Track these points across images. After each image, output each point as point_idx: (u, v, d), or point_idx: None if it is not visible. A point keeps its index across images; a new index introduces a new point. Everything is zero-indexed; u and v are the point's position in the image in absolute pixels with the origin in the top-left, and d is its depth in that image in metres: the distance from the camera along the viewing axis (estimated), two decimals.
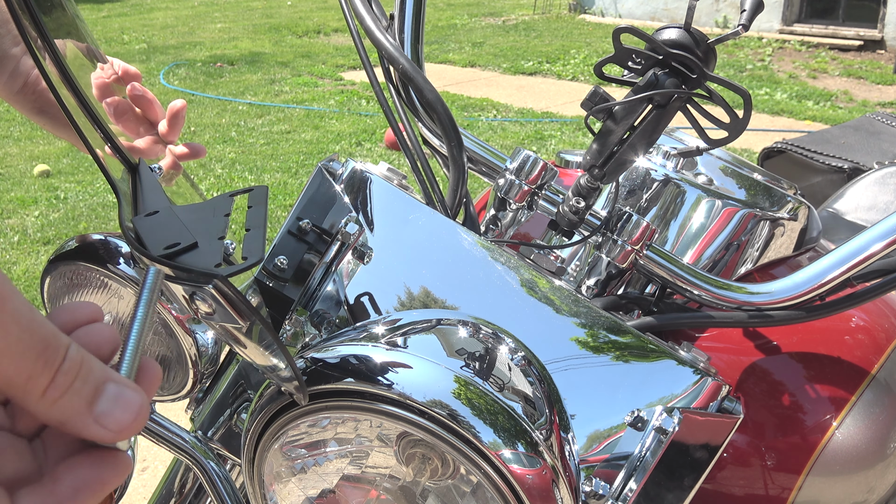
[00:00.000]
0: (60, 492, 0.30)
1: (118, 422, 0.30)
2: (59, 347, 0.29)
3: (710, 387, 0.65)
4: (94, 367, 0.31)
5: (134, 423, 0.31)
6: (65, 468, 0.31)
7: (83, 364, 0.30)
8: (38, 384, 0.29)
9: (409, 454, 0.61)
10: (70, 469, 0.31)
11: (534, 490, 0.56)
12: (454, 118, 0.77)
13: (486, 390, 0.59)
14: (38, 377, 0.29)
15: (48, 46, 0.40)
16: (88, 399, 0.30)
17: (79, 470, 0.31)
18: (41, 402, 0.29)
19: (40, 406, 0.29)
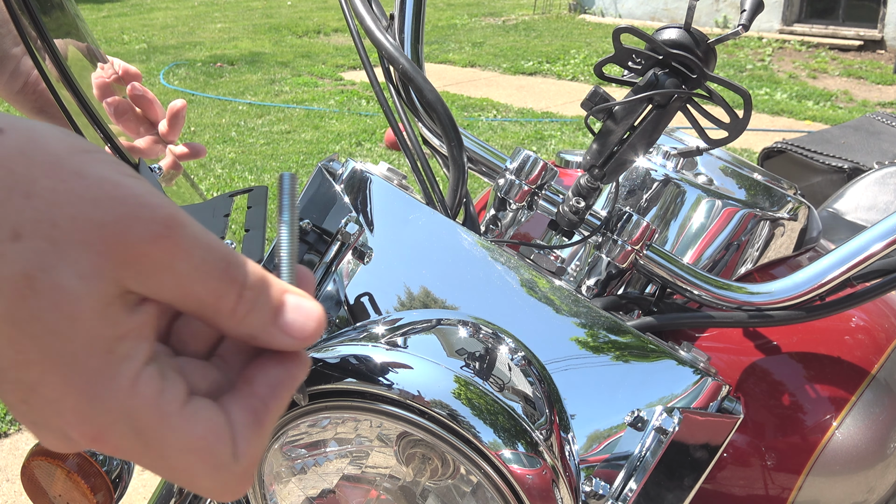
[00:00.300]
0: (259, 391, 0.32)
1: (303, 329, 0.32)
2: (239, 265, 0.30)
3: (710, 387, 0.65)
4: (273, 280, 0.32)
5: (317, 329, 0.32)
6: (254, 370, 0.32)
7: (263, 278, 0.31)
8: (227, 302, 0.30)
9: (409, 454, 0.61)
10: (260, 370, 0.32)
11: (534, 490, 0.56)
12: (454, 118, 0.77)
13: (486, 390, 0.59)
14: (227, 295, 0.30)
15: (48, 47, 0.40)
16: (273, 311, 0.31)
17: (269, 370, 0.32)
18: (231, 319, 0.30)
19: (230, 322, 0.30)
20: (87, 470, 0.90)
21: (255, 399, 0.32)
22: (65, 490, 0.90)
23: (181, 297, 0.29)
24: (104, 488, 0.90)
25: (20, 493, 2.23)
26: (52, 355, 0.27)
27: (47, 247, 0.26)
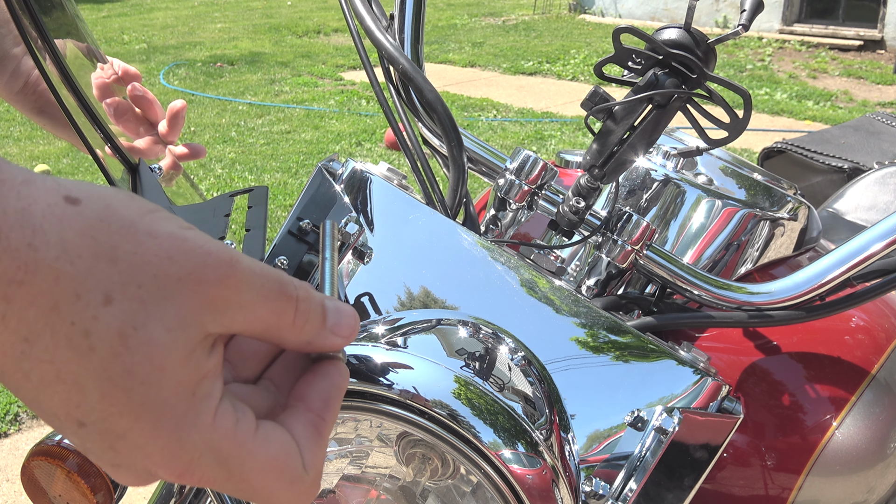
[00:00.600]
0: (314, 406, 0.35)
1: (347, 327, 0.35)
2: (289, 281, 0.34)
3: (710, 387, 0.65)
4: (313, 290, 0.35)
5: (356, 326, 0.36)
6: (304, 388, 0.35)
7: (308, 288, 0.35)
8: (287, 317, 0.33)
9: (409, 454, 0.61)
10: (309, 386, 0.35)
11: (534, 490, 0.56)
12: (454, 118, 0.77)
13: (486, 390, 0.59)
14: (287, 311, 0.33)
15: (48, 47, 0.40)
16: (321, 317, 0.35)
17: (317, 384, 0.35)
18: (292, 331, 0.33)
19: (291, 334, 0.34)
20: (87, 470, 0.90)
21: (311, 414, 0.35)
22: (65, 490, 0.90)
23: (250, 323, 0.32)
24: (104, 488, 0.90)
25: (20, 493, 2.23)
26: (142, 404, 0.29)
27: (136, 306, 0.29)
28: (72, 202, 0.29)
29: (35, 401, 0.30)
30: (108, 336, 0.28)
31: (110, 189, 0.30)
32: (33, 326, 0.28)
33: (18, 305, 0.27)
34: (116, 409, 0.29)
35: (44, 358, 0.28)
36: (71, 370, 0.28)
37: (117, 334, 0.28)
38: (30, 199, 0.28)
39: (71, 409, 0.29)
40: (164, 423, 0.30)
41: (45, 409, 0.30)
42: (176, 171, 0.86)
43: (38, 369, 0.28)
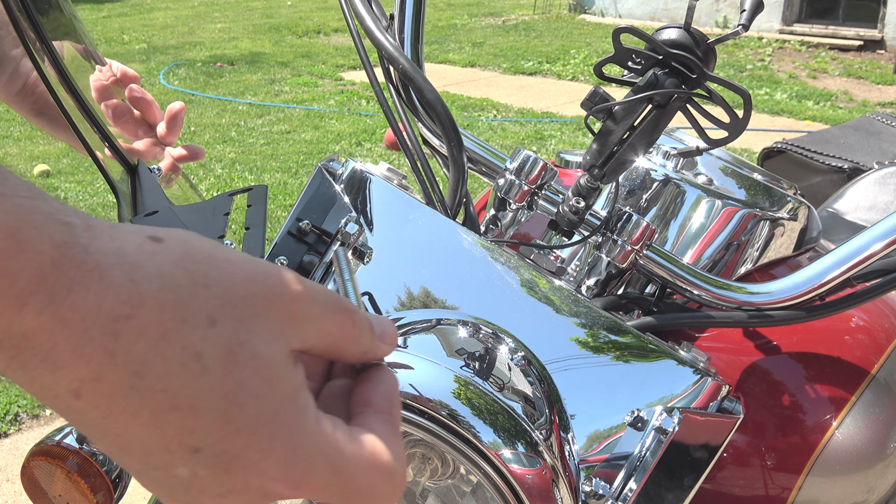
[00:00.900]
0: (381, 408, 0.36)
1: (392, 335, 0.37)
2: (342, 299, 0.35)
3: (710, 387, 0.65)
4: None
5: (397, 333, 0.39)
6: (364, 394, 0.37)
7: (354, 303, 0.37)
8: (347, 329, 0.35)
9: (409, 454, 0.61)
10: (369, 391, 0.37)
11: (534, 490, 0.56)
12: (454, 118, 0.77)
13: (486, 390, 0.59)
14: (346, 324, 0.35)
15: (46, 48, 0.40)
16: (370, 329, 0.36)
17: (376, 388, 0.37)
18: (352, 343, 0.35)
19: (352, 347, 0.36)
20: (87, 470, 0.90)
21: (382, 413, 0.36)
22: (65, 490, 0.90)
23: (320, 338, 0.34)
24: (104, 488, 0.90)
25: (20, 493, 2.23)
26: (256, 417, 0.31)
27: (237, 324, 0.30)
28: (156, 240, 0.30)
29: (140, 441, 0.30)
30: (219, 354, 0.30)
31: (181, 229, 0.32)
32: (144, 358, 0.28)
33: (127, 339, 0.28)
34: (232, 427, 0.30)
35: (157, 388, 0.29)
36: (186, 394, 0.29)
37: (226, 352, 0.30)
38: (121, 240, 0.29)
39: (185, 436, 0.30)
40: (279, 433, 0.31)
41: (152, 446, 0.30)
42: (175, 172, 0.86)
43: (150, 402, 0.29)
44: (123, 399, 0.29)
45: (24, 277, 0.27)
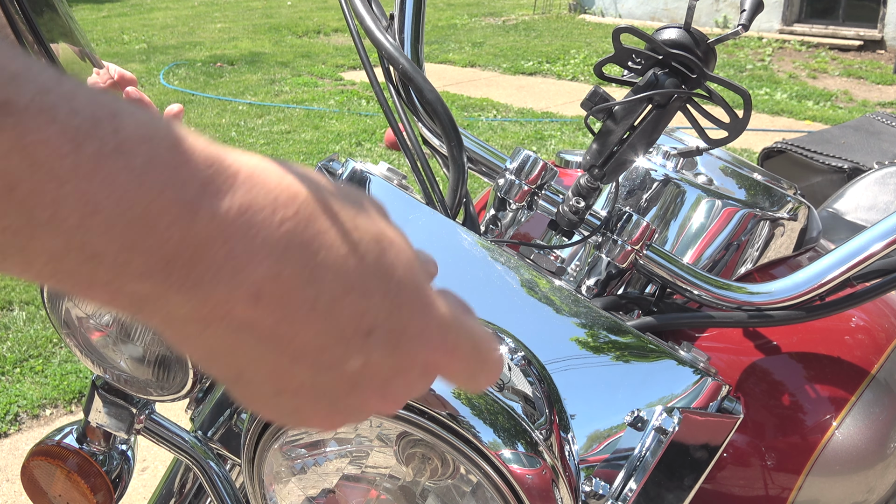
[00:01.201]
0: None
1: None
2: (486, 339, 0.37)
3: (710, 387, 0.65)
4: None
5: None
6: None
7: None
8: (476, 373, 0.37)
9: (409, 454, 0.61)
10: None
11: (534, 490, 0.56)
12: (454, 118, 0.77)
13: (486, 390, 0.59)
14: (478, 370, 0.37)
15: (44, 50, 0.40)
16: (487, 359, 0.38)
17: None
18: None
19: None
20: (87, 470, 0.90)
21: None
22: (65, 490, 0.90)
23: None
24: (104, 488, 0.90)
25: (20, 493, 2.23)
26: (413, 292, 0.33)
27: (373, 214, 0.34)
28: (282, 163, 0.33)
29: (315, 339, 0.30)
30: (370, 239, 0.31)
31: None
32: (314, 247, 0.29)
33: (295, 233, 0.29)
34: (396, 302, 0.31)
35: (330, 275, 0.29)
36: (355, 278, 0.30)
37: (374, 238, 0.31)
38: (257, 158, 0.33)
39: (359, 319, 0.30)
40: (431, 304, 0.33)
41: (328, 341, 0.30)
42: None
43: (326, 289, 0.29)
44: (301, 292, 0.29)
45: (194, 185, 0.27)
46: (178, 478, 0.99)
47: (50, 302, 0.85)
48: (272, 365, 0.30)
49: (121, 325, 0.82)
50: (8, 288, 3.33)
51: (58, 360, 2.85)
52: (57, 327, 0.86)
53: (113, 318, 0.83)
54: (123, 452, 0.95)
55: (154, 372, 0.83)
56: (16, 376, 2.76)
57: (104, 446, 0.92)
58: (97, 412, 0.89)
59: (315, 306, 0.29)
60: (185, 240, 0.27)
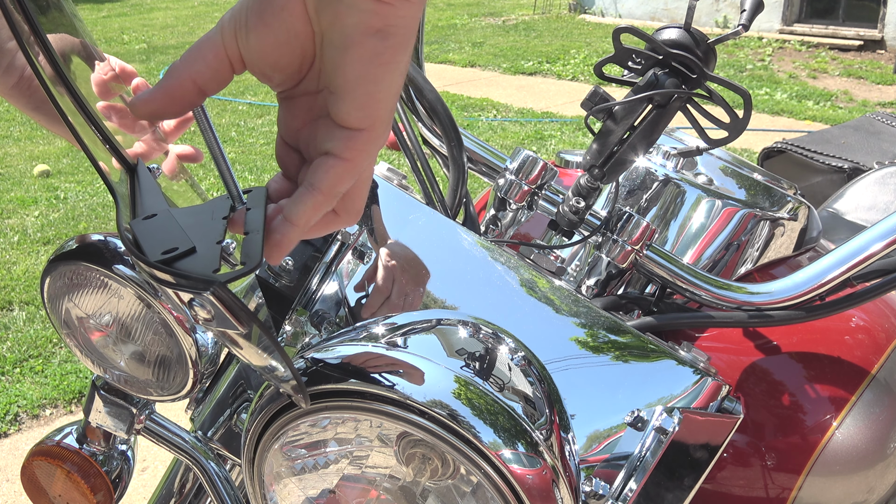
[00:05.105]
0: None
1: None
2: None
3: (710, 387, 0.65)
4: None
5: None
6: None
7: None
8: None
9: (409, 454, 0.61)
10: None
11: (534, 490, 0.56)
12: (454, 118, 0.77)
13: (486, 390, 0.59)
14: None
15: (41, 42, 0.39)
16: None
17: None
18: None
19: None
20: (87, 470, 0.90)
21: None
22: (65, 490, 0.90)
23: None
24: (104, 488, 0.90)
25: (20, 493, 2.23)
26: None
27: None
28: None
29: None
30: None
31: None
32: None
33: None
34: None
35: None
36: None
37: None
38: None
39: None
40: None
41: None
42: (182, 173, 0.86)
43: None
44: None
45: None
46: (178, 478, 0.99)
47: (50, 302, 0.85)
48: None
49: (121, 325, 0.82)
50: (8, 288, 3.33)
51: (58, 360, 2.85)
52: (57, 327, 0.86)
53: (113, 318, 0.83)
54: (123, 452, 0.95)
55: (154, 372, 0.83)
56: (16, 376, 2.76)
57: (104, 446, 0.92)
58: (97, 412, 0.89)
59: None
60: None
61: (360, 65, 0.41)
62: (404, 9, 0.40)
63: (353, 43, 0.40)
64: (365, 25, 0.40)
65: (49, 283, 0.83)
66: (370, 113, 0.42)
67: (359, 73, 0.41)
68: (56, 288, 0.83)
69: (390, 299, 0.70)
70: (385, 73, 0.41)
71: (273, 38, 0.43)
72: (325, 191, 0.44)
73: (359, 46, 0.41)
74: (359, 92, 0.42)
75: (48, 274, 0.83)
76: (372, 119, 0.42)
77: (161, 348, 0.82)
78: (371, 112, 0.42)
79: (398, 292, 0.70)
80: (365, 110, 0.42)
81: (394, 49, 0.41)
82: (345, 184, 0.44)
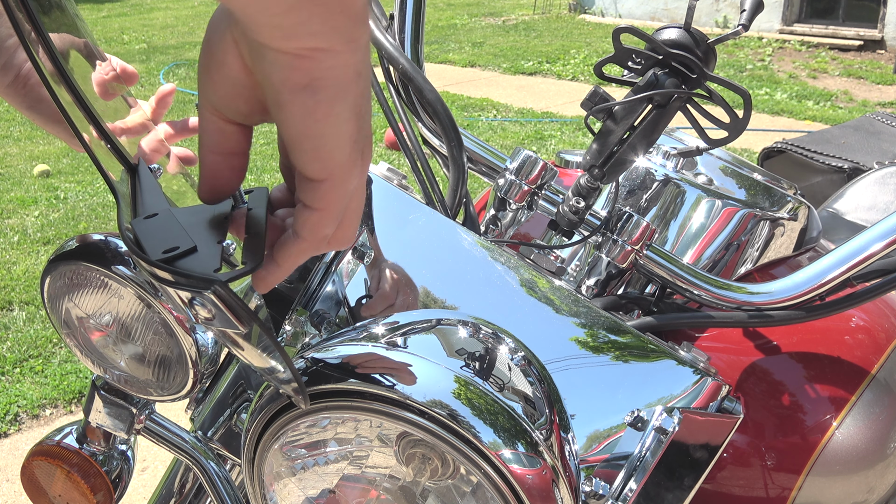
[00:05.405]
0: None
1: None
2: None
3: (710, 387, 0.65)
4: None
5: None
6: None
7: None
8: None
9: (409, 454, 0.61)
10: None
11: (534, 490, 0.56)
12: (454, 118, 0.77)
13: (486, 390, 0.59)
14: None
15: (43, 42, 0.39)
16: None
17: None
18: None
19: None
20: (87, 470, 0.90)
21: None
22: (65, 490, 0.90)
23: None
24: (104, 488, 0.90)
25: (20, 493, 2.23)
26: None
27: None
28: None
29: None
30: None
31: None
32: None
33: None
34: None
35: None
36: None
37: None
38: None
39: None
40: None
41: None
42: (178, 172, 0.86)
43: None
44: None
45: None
46: (178, 478, 0.99)
47: (50, 302, 0.85)
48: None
49: (121, 325, 0.82)
50: (8, 288, 3.33)
51: (58, 360, 2.85)
52: (57, 327, 0.86)
53: (113, 318, 0.83)
54: (123, 452, 0.95)
55: (154, 372, 0.83)
56: (16, 376, 2.76)
57: (104, 446, 0.92)
58: (97, 412, 0.89)
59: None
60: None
61: (297, 121, 0.39)
62: (328, 60, 0.37)
63: (284, 101, 0.39)
64: (291, 82, 0.38)
65: (49, 282, 0.83)
66: (324, 165, 0.41)
67: (299, 130, 0.40)
68: (56, 288, 0.83)
69: (390, 299, 0.70)
70: (325, 127, 0.39)
71: (224, 91, 0.42)
72: (307, 238, 0.44)
73: (290, 104, 0.39)
74: (305, 147, 0.40)
75: (48, 274, 0.83)
76: (328, 170, 0.41)
77: (161, 348, 0.82)
78: (324, 164, 0.41)
79: (398, 292, 0.70)
80: (317, 163, 0.41)
81: (328, 103, 0.38)
82: (325, 229, 0.43)
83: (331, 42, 0.37)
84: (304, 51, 0.37)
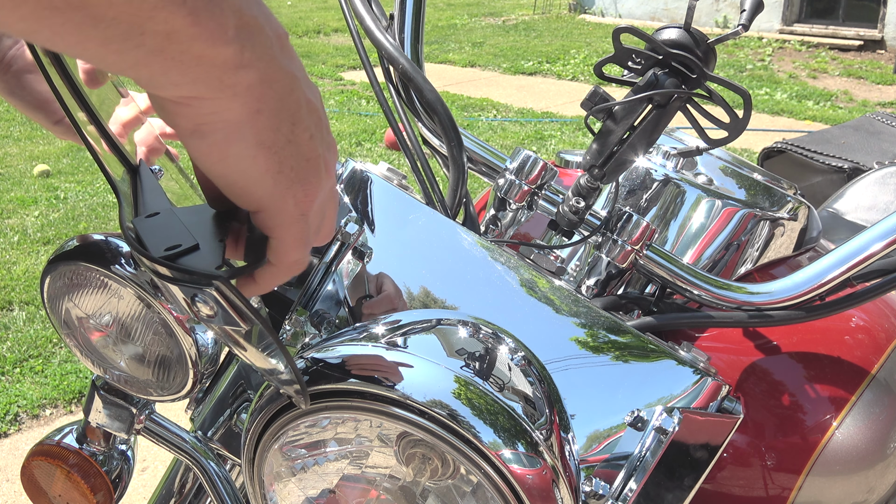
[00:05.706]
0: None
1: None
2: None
3: (710, 387, 0.65)
4: None
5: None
6: None
7: None
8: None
9: (409, 454, 0.61)
10: None
11: (534, 490, 0.56)
12: (454, 118, 0.77)
13: (486, 390, 0.59)
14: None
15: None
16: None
17: None
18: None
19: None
20: (87, 470, 0.90)
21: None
22: (65, 490, 0.90)
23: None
24: (104, 488, 0.90)
25: (20, 493, 2.23)
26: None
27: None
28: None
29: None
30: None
31: None
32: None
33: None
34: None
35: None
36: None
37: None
38: None
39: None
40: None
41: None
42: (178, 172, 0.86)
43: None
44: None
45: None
46: (178, 478, 0.99)
47: (50, 302, 0.85)
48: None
49: (121, 325, 0.82)
50: (8, 288, 3.33)
51: (58, 360, 2.85)
52: (57, 327, 0.86)
53: (113, 318, 0.83)
54: (123, 452, 0.95)
55: (154, 372, 0.83)
56: (16, 376, 2.76)
57: (104, 446, 0.92)
58: (97, 412, 0.89)
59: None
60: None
61: (200, 163, 0.39)
62: (205, 107, 0.36)
63: (184, 144, 0.38)
64: (180, 127, 0.37)
65: (49, 282, 0.83)
66: (248, 200, 0.40)
67: (206, 170, 0.39)
68: (56, 288, 0.83)
69: (390, 299, 0.70)
70: (226, 168, 0.38)
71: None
72: (277, 263, 0.43)
73: (188, 147, 0.38)
74: (221, 184, 0.40)
75: (48, 274, 0.83)
76: (255, 203, 0.40)
77: (161, 348, 0.82)
78: (248, 199, 0.40)
79: (398, 292, 0.70)
80: (241, 198, 0.40)
81: (219, 145, 0.37)
82: (291, 253, 0.43)
83: (198, 91, 0.35)
84: (181, 98, 0.36)
